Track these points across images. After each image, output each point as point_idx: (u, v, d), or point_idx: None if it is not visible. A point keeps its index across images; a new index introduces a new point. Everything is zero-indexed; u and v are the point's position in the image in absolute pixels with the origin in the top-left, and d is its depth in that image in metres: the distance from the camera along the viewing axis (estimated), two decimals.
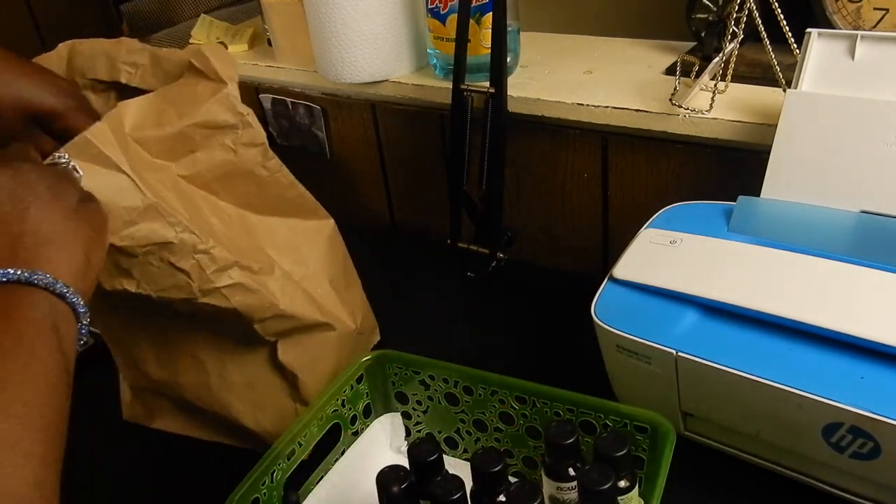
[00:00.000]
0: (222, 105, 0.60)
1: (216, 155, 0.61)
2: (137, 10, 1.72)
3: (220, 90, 0.60)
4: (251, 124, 0.62)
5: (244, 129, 0.62)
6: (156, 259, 0.56)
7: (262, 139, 0.63)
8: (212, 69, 0.60)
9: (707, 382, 0.56)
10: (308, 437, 0.62)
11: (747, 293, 0.57)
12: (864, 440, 0.50)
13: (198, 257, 0.57)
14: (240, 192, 0.65)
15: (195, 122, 0.59)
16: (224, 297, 0.60)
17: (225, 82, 0.60)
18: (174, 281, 0.58)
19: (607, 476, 0.47)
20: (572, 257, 0.92)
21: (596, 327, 0.61)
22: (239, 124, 0.61)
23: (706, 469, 0.63)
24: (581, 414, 0.58)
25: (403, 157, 1.00)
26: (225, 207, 0.64)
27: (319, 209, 0.72)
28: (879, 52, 0.63)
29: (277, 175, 0.66)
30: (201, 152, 0.61)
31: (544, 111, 0.82)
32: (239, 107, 0.61)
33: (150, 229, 0.55)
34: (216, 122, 0.60)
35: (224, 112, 0.60)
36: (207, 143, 0.61)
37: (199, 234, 0.57)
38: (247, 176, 0.64)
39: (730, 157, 0.74)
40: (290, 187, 0.68)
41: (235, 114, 0.61)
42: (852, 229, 0.62)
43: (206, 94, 0.60)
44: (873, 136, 0.62)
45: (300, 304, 0.65)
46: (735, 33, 0.74)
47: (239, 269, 0.60)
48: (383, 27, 0.87)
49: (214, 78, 0.60)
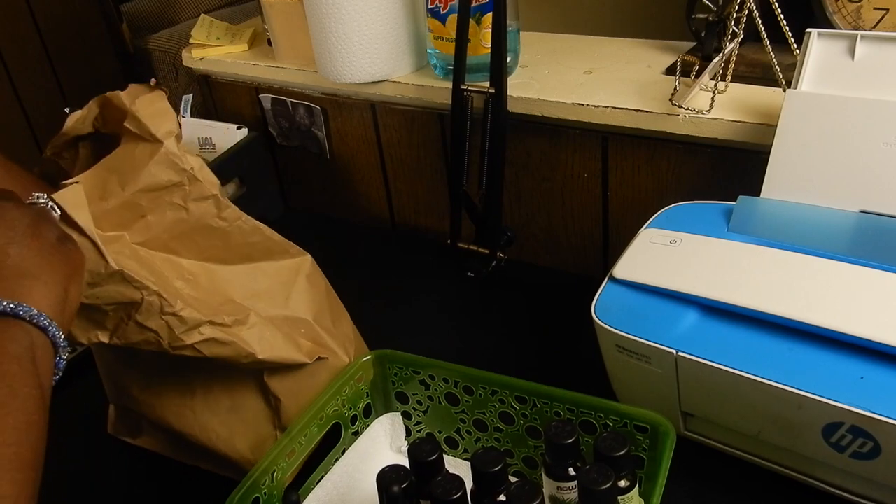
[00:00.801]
0: (162, 164, 0.59)
1: (167, 215, 0.60)
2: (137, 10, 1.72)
3: (158, 150, 0.59)
4: (198, 178, 0.60)
5: (192, 184, 0.60)
6: (124, 317, 0.56)
7: (214, 190, 0.62)
8: (146, 130, 0.59)
9: (707, 382, 0.56)
10: (308, 437, 0.62)
11: (747, 293, 0.57)
12: (864, 440, 0.50)
13: (166, 318, 0.57)
14: (201, 247, 0.63)
15: (139, 188, 0.58)
16: (197, 351, 0.59)
17: (161, 141, 0.59)
18: (144, 337, 0.57)
19: (607, 476, 0.47)
20: (572, 257, 0.92)
21: (596, 327, 0.61)
22: (185, 181, 0.60)
23: (706, 469, 0.63)
24: (581, 414, 0.58)
25: (403, 157, 1.00)
26: (188, 265, 0.62)
27: (291, 247, 0.69)
28: (879, 52, 0.63)
29: (237, 223, 0.64)
30: (152, 216, 0.59)
31: (544, 111, 0.82)
32: (182, 162, 0.59)
33: (116, 291, 0.54)
34: (160, 184, 0.59)
35: (166, 171, 0.59)
36: (156, 206, 0.59)
37: (166, 297, 0.56)
38: (204, 230, 0.62)
39: (730, 157, 0.75)
40: (253, 233, 0.65)
41: (178, 171, 0.59)
42: (852, 229, 0.62)
43: (144, 157, 0.59)
44: (873, 136, 0.62)
45: (280, 348, 0.63)
46: (735, 33, 0.74)
47: (210, 326, 0.58)
48: (383, 27, 0.87)
49: (150, 139, 0.59)
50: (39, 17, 1.79)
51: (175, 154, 0.59)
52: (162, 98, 0.61)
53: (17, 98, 1.75)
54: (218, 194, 0.62)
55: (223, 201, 0.63)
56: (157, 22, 1.68)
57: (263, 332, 0.62)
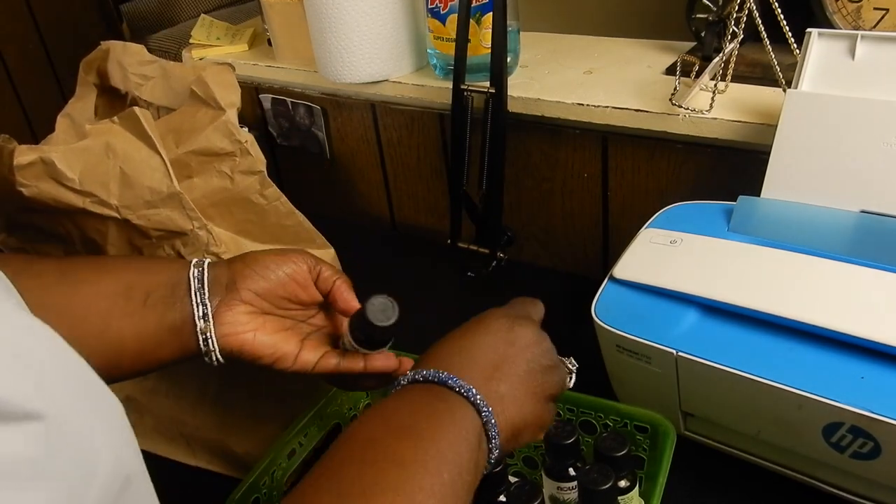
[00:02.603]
0: (220, 132, 0.60)
1: (213, 182, 0.61)
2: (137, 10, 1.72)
3: (219, 118, 0.60)
4: (249, 152, 0.62)
5: (242, 156, 0.61)
6: (168, 246, 0.57)
7: (261, 167, 0.63)
8: (211, 96, 0.60)
9: (707, 382, 0.56)
10: (308, 437, 0.62)
11: (747, 293, 0.57)
12: (864, 440, 0.50)
13: (210, 256, 0.57)
14: (237, 219, 0.64)
15: (192, 149, 0.59)
16: None
17: (224, 109, 0.60)
18: None
19: (607, 476, 0.47)
20: (572, 257, 0.92)
21: (596, 327, 0.61)
22: (237, 152, 0.61)
23: (706, 469, 0.63)
24: (581, 414, 0.58)
25: (403, 157, 1.00)
26: (220, 234, 0.63)
27: (318, 237, 0.71)
28: (879, 52, 0.63)
29: (276, 203, 0.65)
30: (198, 178, 0.61)
31: (544, 111, 0.82)
32: (238, 134, 0.61)
33: (168, 216, 0.55)
34: (213, 150, 0.60)
35: (221, 139, 0.60)
36: (204, 170, 0.61)
37: (213, 236, 0.57)
38: (244, 203, 0.64)
39: (730, 157, 0.74)
40: (288, 216, 0.67)
41: (233, 141, 0.61)
42: (852, 229, 0.62)
43: (204, 121, 0.60)
44: (873, 136, 0.61)
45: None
46: (735, 33, 0.74)
47: None
48: (383, 27, 0.87)
49: (214, 105, 0.60)
50: (39, 18, 1.79)
51: (234, 125, 0.60)
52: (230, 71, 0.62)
53: (17, 98, 1.76)
54: (264, 171, 0.63)
55: (267, 179, 0.64)
56: (157, 22, 1.68)
57: None
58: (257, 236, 0.66)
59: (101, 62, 0.66)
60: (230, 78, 0.62)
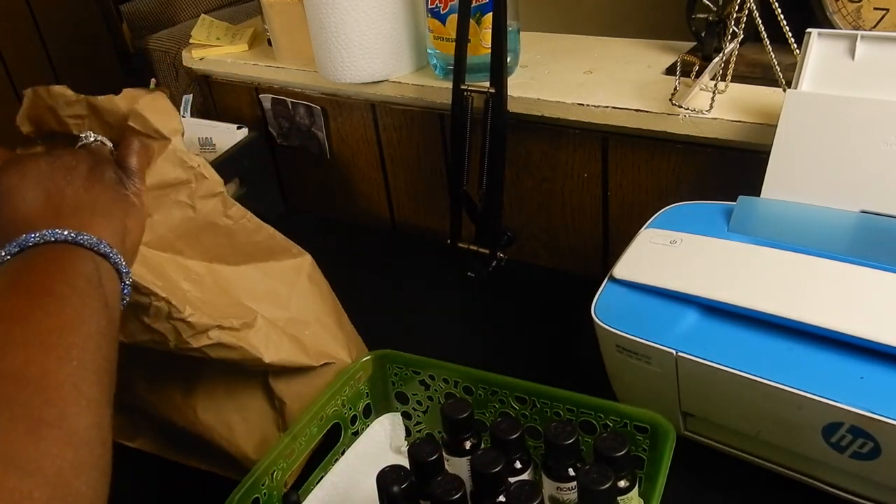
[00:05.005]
0: (170, 162, 0.58)
1: (174, 214, 0.59)
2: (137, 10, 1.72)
3: (166, 147, 0.58)
4: (205, 175, 0.60)
5: (198, 181, 0.59)
6: (133, 317, 0.55)
7: (220, 188, 0.61)
8: (152, 127, 0.58)
9: (707, 382, 0.56)
10: (308, 438, 0.62)
11: (747, 293, 0.57)
12: (864, 440, 0.50)
13: (174, 322, 0.56)
14: (207, 246, 0.62)
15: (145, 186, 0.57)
16: (203, 353, 0.58)
17: (168, 138, 0.58)
18: (150, 338, 0.57)
19: (607, 476, 0.47)
20: (572, 257, 0.92)
21: (596, 327, 0.61)
22: (192, 178, 0.59)
23: (706, 469, 0.63)
24: (581, 414, 0.58)
25: (403, 157, 1.00)
26: (194, 266, 0.61)
27: (293, 247, 0.69)
28: (879, 52, 0.63)
29: (242, 221, 0.63)
30: (157, 214, 0.58)
31: (544, 111, 0.82)
32: (189, 160, 0.59)
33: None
34: (167, 181, 0.58)
35: (173, 169, 0.58)
36: (161, 204, 0.58)
37: (174, 301, 0.55)
38: (210, 228, 0.61)
39: (730, 157, 0.74)
40: (257, 231, 0.65)
41: (186, 168, 0.58)
42: (852, 229, 0.62)
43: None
44: (873, 136, 0.61)
45: (287, 351, 0.63)
46: (735, 33, 0.74)
47: (218, 330, 0.58)
48: (383, 27, 0.87)
49: (157, 136, 0.58)
50: (39, 18, 1.79)
51: (182, 151, 0.59)
52: (164, 98, 0.60)
53: (17, 98, 1.75)
54: (224, 192, 0.62)
55: (229, 199, 0.63)
56: (157, 22, 1.68)
57: (270, 335, 0.62)
58: (231, 260, 0.64)
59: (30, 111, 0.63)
60: (165, 104, 0.60)
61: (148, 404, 0.67)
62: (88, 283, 0.43)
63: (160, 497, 0.70)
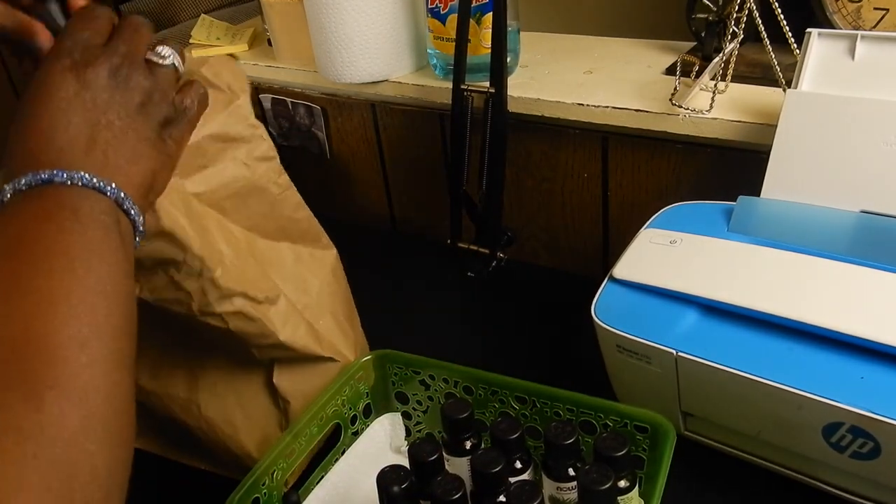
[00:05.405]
0: (235, 117, 0.58)
1: (228, 170, 0.59)
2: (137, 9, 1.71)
3: (233, 102, 0.58)
4: (263, 138, 0.60)
5: (257, 142, 0.60)
6: (162, 272, 0.55)
7: (275, 153, 0.62)
8: (224, 81, 0.58)
9: (707, 382, 0.56)
10: (308, 437, 0.62)
11: (747, 293, 0.57)
12: (864, 440, 0.50)
13: (202, 282, 0.56)
14: (250, 213, 0.62)
15: (209, 133, 0.57)
16: (223, 321, 0.58)
17: (238, 94, 0.58)
18: (175, 296, 0.56)
19: (607, 476, 0.47)
20: (572, 257, 0.92)
21: (596, 327, 0.61)
22: (252, 138, 0.59)
23: (706, 469, 0.63)
24: (581, 414, 0.58)
25: (403, 157, 1.00)
26: (234, 230, 0.61)
27: (323, 236, 0.70)
28: (879, 52, 0.63)
29: (287, 193, 0.64)
30: (213, 167, 0.58)
31: (544, 111, 0.82)
32: (252, 120, 0.59)
33: (158, 248, 0.53)
34: (229, 135, 0.58)
35: (237, 124, 0.58)
36: (220, 158, 0.58)
37: (207, 261, 0.55)
38: (259, 193, 0.62)
39: (730, 157, 0.74)
40: (298, 208, 0.66)
41: (248, 126, 0.59)
42: (852, 229, 0.62)
43: (218, 105, 0.58)
44: (873, 136, 0.62)
45: (302, 335, 0.63)
46: (735, 33, 0.74)
47: (243, 299, 0.58)
48: (383, 27, 0.87)
49: (227, 90, 0.58)
50: None
51: (248, 110, 0.59)
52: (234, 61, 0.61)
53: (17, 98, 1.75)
54: (277, 158, 0.62)
55: (279, 166, 0.63)
56: (157, 22, 1.67)
57: (290, 315, 0.62)
58: (267, 232, 0.64)
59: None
60: (238, 66, 0.61)
61: (150, 400, 0.67)
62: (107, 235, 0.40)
63: (160, 497, 0.69)
